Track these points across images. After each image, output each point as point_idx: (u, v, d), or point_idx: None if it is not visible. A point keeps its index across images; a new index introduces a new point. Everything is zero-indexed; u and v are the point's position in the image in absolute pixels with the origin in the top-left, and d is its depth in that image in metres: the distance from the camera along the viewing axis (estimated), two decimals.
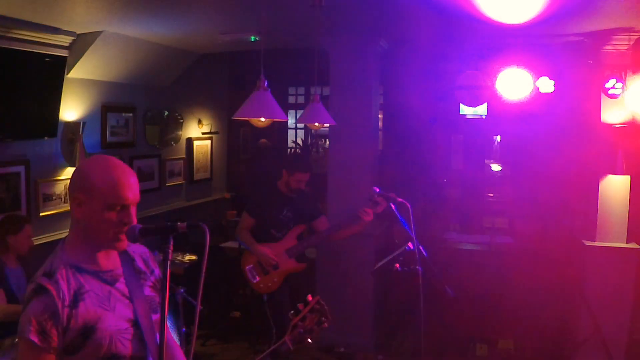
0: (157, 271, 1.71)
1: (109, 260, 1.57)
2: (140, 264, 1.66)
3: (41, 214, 4.33)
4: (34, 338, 1.38)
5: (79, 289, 1.46)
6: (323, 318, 1.81)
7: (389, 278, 5.02)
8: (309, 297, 1.86)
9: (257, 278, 3.95)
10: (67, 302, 1.43)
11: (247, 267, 3.97)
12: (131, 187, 1.51)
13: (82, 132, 4.53)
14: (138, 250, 1.68)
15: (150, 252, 1.74)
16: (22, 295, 3.36)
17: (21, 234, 3.41)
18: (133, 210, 1.52)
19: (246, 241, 3.99)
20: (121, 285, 1.55)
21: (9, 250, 3.42)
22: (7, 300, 3.36)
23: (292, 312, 1.84)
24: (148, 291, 1.62)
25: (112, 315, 1.49)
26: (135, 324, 1.53)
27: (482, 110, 6.51)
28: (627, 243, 4.38)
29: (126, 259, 1.62)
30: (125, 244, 1.53)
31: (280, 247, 3.93)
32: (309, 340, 1.77)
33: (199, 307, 1.50)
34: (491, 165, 6.88)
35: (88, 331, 1.44)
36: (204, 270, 1.47)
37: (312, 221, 4.10)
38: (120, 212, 1.49)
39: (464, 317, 4.93)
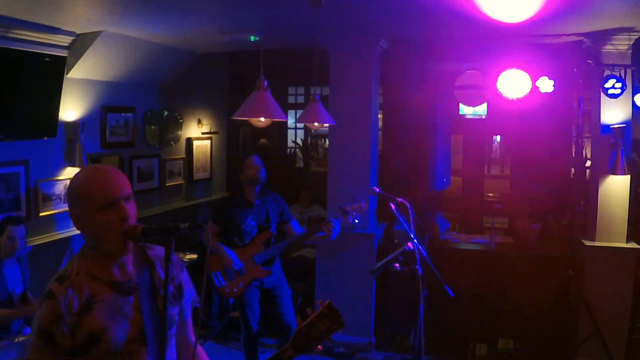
0: (177, 279, 1.70)
1: (126, 270, 1.58)
2: (160, 271, 1.63)
3: (41, 214, 4.33)
4: (38, 339, 1.45)
5: (91, 297, 1.50)
6: (335, 325, 1.62)
7: (389, 278, 5.02)
8: (319, 302, 1.68)
9: (224, 283, 3.97)
10: (74, 310, 1.47)
11: (213, 273, 3.97)
12: (113, 183, 1.52)
13: (81, 132, 4.53)
14: (160, 255, 1.65)
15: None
16: (17, 297, 3.46)
17: (3, 235, 3.45)
18: (127, 206, 1.53)
19: (214, 245, 3.97)
20: (135, 298, 1.55)
21: (0, 251, 3.47)
22: (2, 300, 3.39)
23: (299, 316, 1.76)
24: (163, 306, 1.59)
25: (121, 328, 1.50)
26: (143, 339, 1.53)
27: (482, 110, 6.52)
28: (627, 243, 4.38)
29: (145, 267, 1.60)
30: (131, 247, 1.54)
31: (246, 253, 3.94)
32: (319, 347, 1.68)
33: (201, 308, 1.51)
34: (491, 165, 6.90)
35: (93, 340, 1.47)
36: (206, 272, 1.48)
37: (282, 226, 4.11)
38: (113, 209, 1.50)
39: (464, 317, 4.94)
